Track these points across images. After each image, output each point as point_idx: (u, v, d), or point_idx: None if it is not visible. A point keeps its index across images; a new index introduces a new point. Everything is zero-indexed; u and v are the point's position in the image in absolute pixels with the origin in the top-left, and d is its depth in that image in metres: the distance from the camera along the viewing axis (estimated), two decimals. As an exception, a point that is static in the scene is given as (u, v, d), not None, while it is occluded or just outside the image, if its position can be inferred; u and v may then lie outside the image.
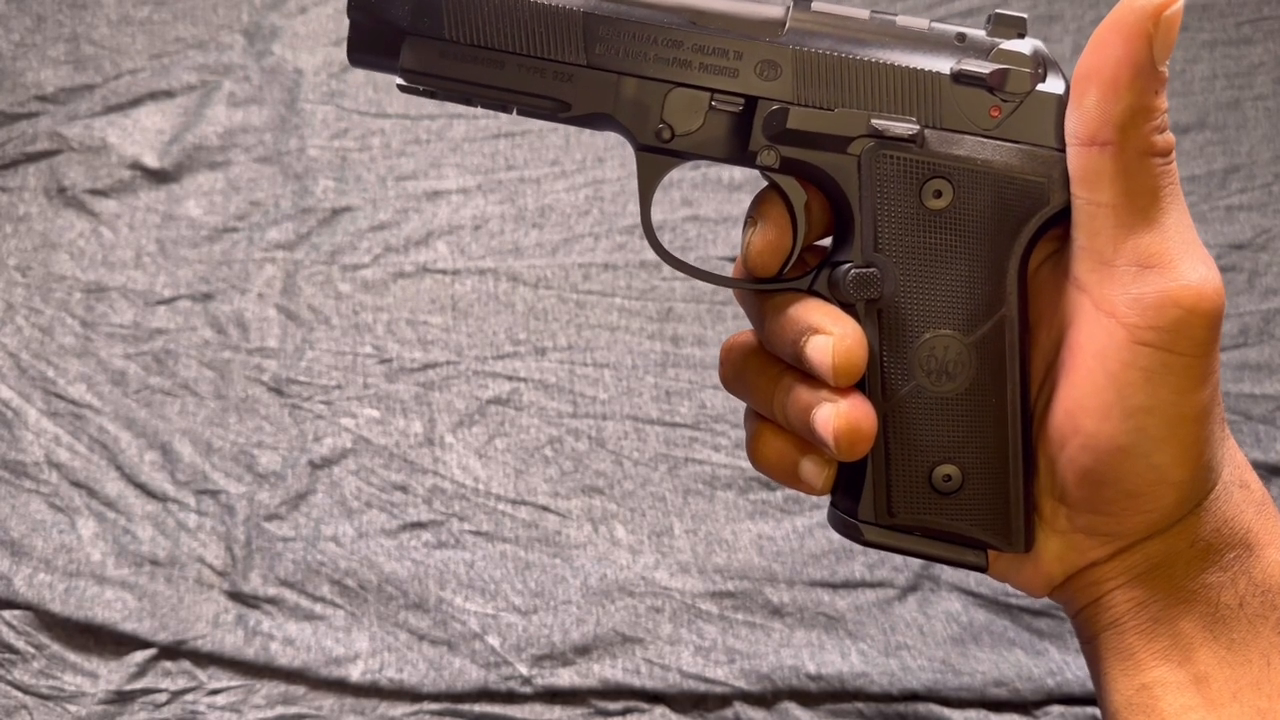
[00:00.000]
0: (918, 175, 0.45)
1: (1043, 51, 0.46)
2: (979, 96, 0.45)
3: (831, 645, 0.90)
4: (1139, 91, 0.41)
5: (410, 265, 1.09)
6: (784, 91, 0.46)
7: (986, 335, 0.46)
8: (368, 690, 0.89)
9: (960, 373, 0.46)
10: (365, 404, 1.02)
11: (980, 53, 0.46)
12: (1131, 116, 0.41)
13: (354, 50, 0.48)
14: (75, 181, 1.13)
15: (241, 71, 1.20)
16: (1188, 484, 0.43)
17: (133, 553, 0.95)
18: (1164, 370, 0.41)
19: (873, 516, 0.48)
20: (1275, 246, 1.10)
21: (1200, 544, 0.44)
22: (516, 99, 0.48)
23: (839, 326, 0.45)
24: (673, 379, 1.03)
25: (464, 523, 0.96)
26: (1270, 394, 1.02)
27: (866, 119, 0.45)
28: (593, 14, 0.46)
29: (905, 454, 0.47)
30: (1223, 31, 1.22)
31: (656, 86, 0.46)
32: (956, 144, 0.45)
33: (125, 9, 1.23)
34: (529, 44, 0.46)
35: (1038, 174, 0.45)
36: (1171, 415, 0.42)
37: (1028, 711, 0.88)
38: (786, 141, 0.46)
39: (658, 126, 0.47)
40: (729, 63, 0.46)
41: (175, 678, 0.90)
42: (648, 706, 0.88)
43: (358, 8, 0.47)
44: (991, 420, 0.46)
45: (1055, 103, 0.45)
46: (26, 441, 0.99)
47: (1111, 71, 0.41)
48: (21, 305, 1.07)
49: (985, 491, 0.47)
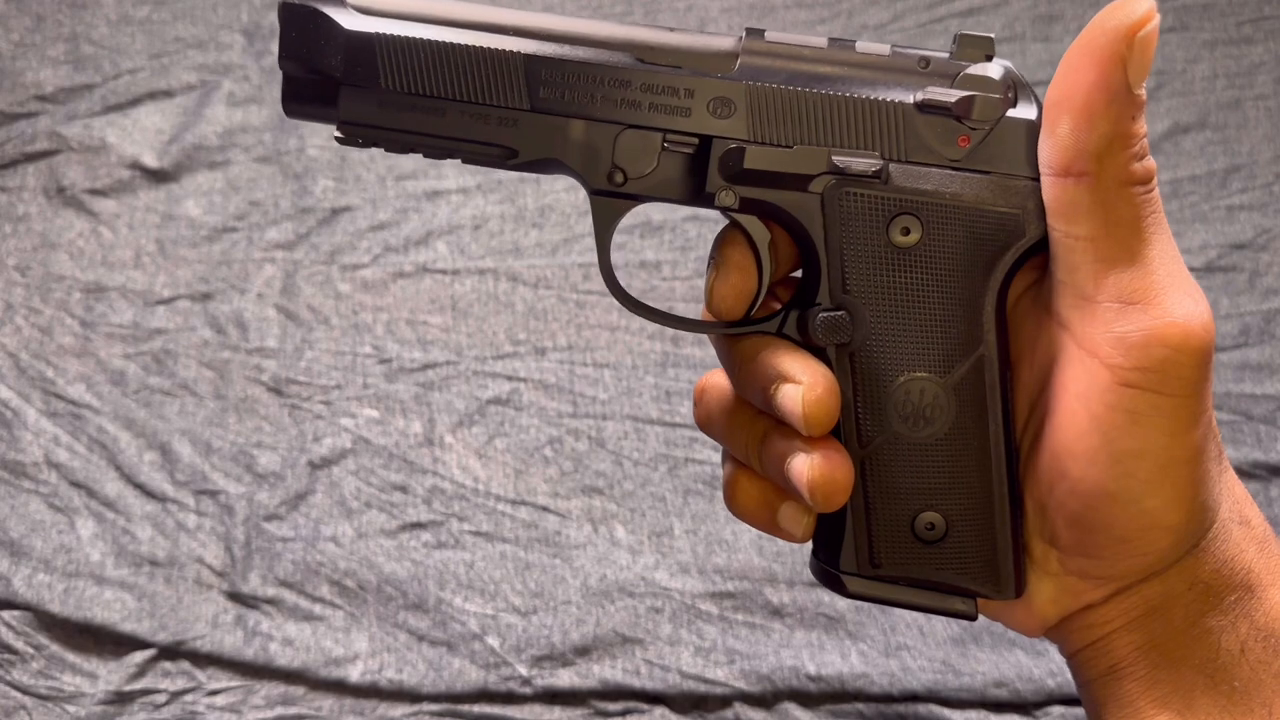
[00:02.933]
0: (884, 212, 0.43)
1: (1013, 74, 0.43)
2: (946, 125, 0.43)
3: (832, 646, 0.90)
4: (1115, 118, 0.39)
5: (410, 265, 1.09)
6: (739, 129, 0.44)
7: (965, 376, 0.43)
8: (367, 691, 0.89)
9: (939, 417, 0.44)
10: (365, 404, 1.02)
11: (945, 78, 0.43)
12: (1108, 145, 0.39)
13: (288, 101, 0.46)
14: (74, 181, 1.13)
15: (241, 71, 1.19)
16: (1182, 527, 0.41)
17: (132, 553, 0.94)
18: (1152, 412, 0.39)
19: (855, 567, 0.45)
20: (1276, 246, 1.10)
21: (1199, 586, 0.42)
22: (460, 147, 0.45)
23: (808, 374, 0.43)
24: (673, 379, 1.03)
25: (464, 523, 0.96)
26: (1270, 394, 1.02)
27: (827, 156, 0.43)
28: (534, 56, 0.44)
29: (885, 502, 0.45)
30: (1223, 31, 1.22)
31: (606, 128, 0.44)
32: (923, 178, 0.43)
33: (125, 9, 1.23)
34: (469, 90, 0.44)
35: (1012, 205, 0.42)
36: (1162, 459, 0.40)
37: (1028, 712, 0.88)
38: (745, 181, 0.44)
39: (610, 170, 0.45)
40: (680, 101, 0.44)
41: (174, 678, 0.90)
42: (647, 707, 0.88)
43: (289, 58, 0.45)
44: (974, 465, 0.44)
45: (1027, 129, 0.42)
46: (26, 441, 0.99)
47: (1084, 98, 0.39)
48: (21, 305, 1.07)
49: (971, 539, 0.44)
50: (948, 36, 1.22)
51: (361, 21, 0.44)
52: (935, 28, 1.23)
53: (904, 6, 1.24)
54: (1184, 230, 1.11)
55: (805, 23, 1.23)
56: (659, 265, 1.09)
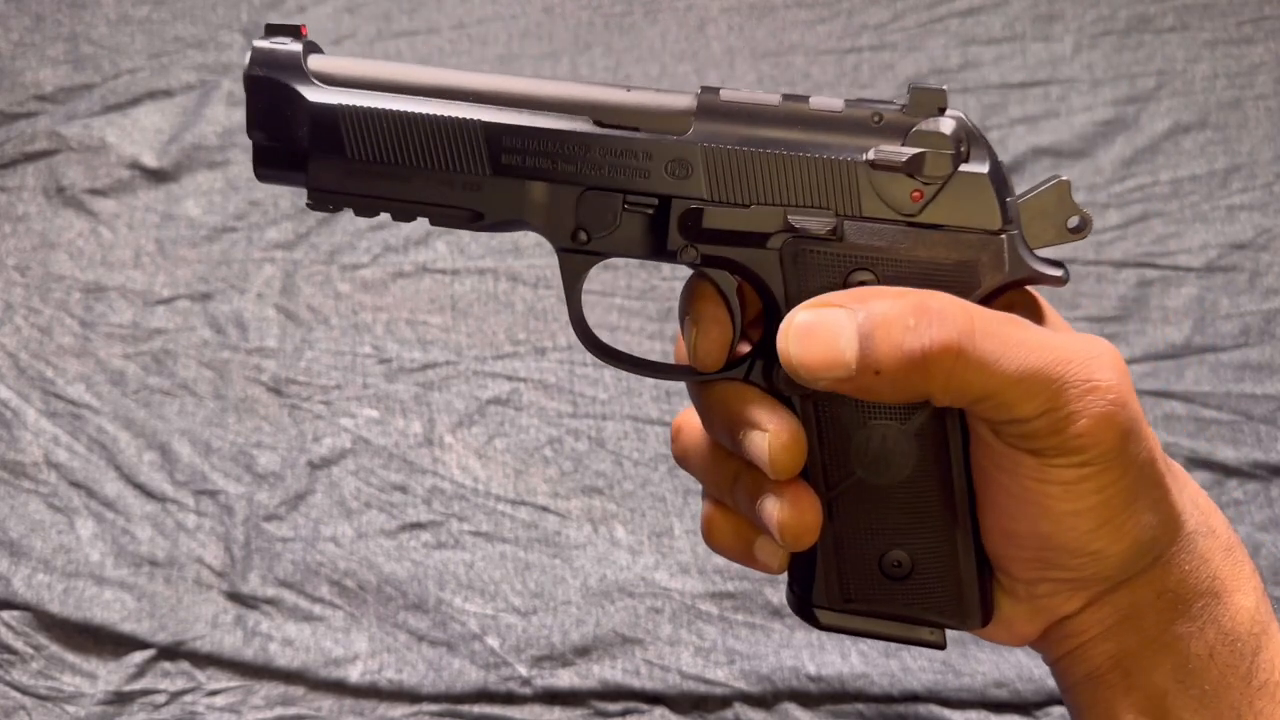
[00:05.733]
0: (840, 268, 0.44)
1: (964, 128, 0.44)
2: (900, 181, 0.43)
3: (832, 646, 0.90)
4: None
5: (409, 265, 1.09)
6: (697, 189, 0.44)
7: (925, 424, 0.44)
8: (367, 691, 0.89)
9: (901, 461, 0.45)
10: (364, 404, 1.02)
11: (898, 134, 0.44)
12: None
13: (259, 167, 0.47)
14: (74, 181, 1.13)
15: (240, 71, 1.19)
16: (1129, 552, 0.42)
17: (131, 553, 0.94)
18: (1081, 480, 0.41)
19: (826, 601, 0.47)
20: (1276, 246, 1.10)
21: (1168, 594, 0.43)
22: (427, 210, 0.46)
23: (774, 422, 0.44)
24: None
25: (463, 523, 0.96)
26: (1270, 394, 1.02)
27: (783, 215, 0.44)
28: (494, 124, 0.45)
29: (853, 541, 0.46)
30: (1224, 31, 1.22)
31: (567, 190, 0.45)
32: (877, 234, 0.44)
33: (124, 8, 1.23)
34: (432, 158, 0.45)
35: (966, 257, 0.43)
36: (1100, 511, 0.41)
37: (1028, 712, 0.88)
38: (704, 240, 0.45)
39: (573, 229, 0.46)
40: (639, 163, 0.45)
41: (174, 678, 0.89)
42: (647, 708, 0.88)
43: (257, 128, 0.46)
44: (937, 505, 0.45)
45: (981, 182, 0.43)
46: (25, 441, 0.99)
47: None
48: (20, 305, 1.07)
49: (936, 574, 0.46)
50: (948, 36, 1.22)
51: (325, 93, 0.45)
52: (935, 27, 1.22)
53: (904, 6, 1.24)
54: (1184, 230, 1.11)
55: (805, 22, 1.23)
56: (658, 267, 1.09)
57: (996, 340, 0.40)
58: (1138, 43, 1.22)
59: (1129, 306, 1.07)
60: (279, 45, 0.46)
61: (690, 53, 1.22)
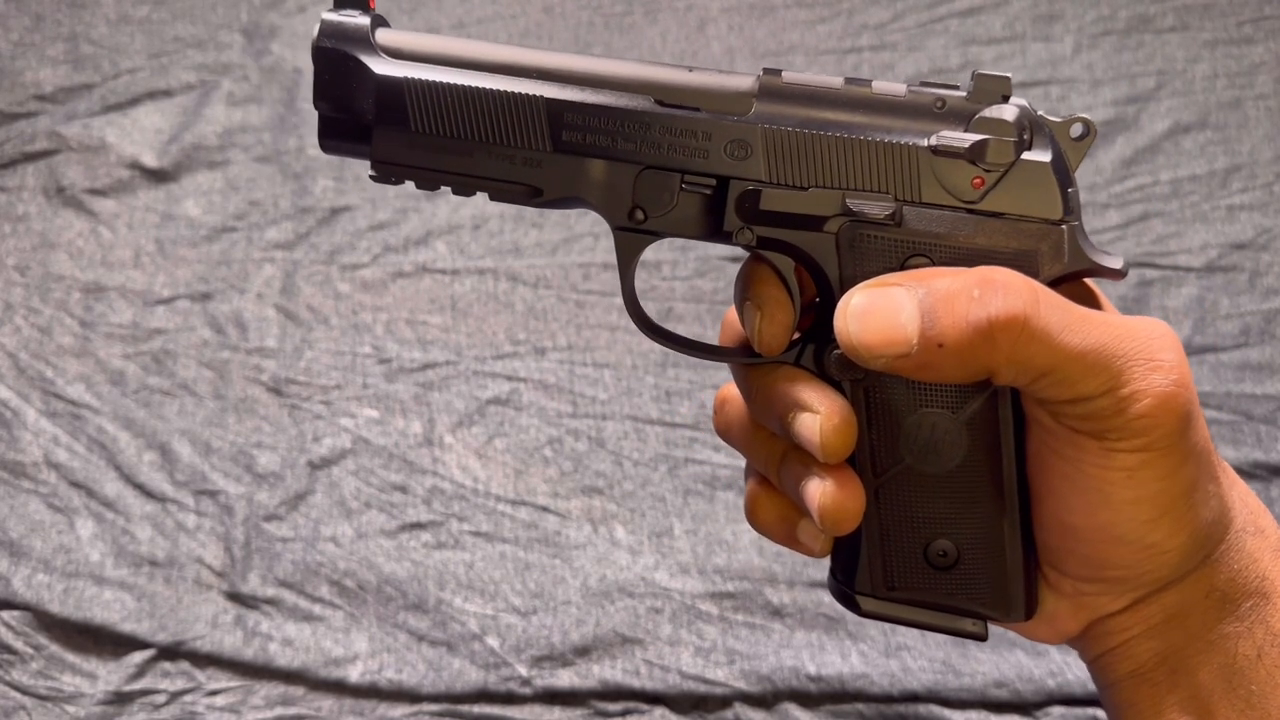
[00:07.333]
0: (897, 253, 0.44)
1: (1028, 116, 0.43)
2: (961, 167, 0.43)
3: (832, 646, 0.90)
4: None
5: (409, 265, 1.09)
6: (755, 171, 0.44)
7: (977, 412, 0.44)
8: (367, 691, 0.89)
9: (951, 451, 0.44)
10: (364, 404, 1.02)
11: (961, 120, 0.43)
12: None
13: (324, 138, 0.48)
14: (74, 181, 1.13)
15: (240, 70, 1.19)
16: (1188, 546, 0.42)
17: (131, 553, 0.94)
18: (1143, 466, 0.40)
19: (869, 589, 0.47)
20: (1276, 246, 1.10)
21: (1215, 594, 0.43)
22: (488, 185, 0.47)
23: (825, 404, 0.44)
24: (673, 379, 1.03)
25: (463, 523, 0.96)
26: (1271, 394, 1.02)
27: (841, 199, 0.44)
28: (556, 100, 0.45)
29: (899, 529, 0.46)
30: (1224, 31, 1.22)
31: (626, 169, 0.45)
32: (937, 220, 0.43)
33: (124, 8, 1.23)
34: (494, 133, 0.46)
35: (1026, 246, 0.43)
36: (1160, 500, 0.41)
37: (1028, 712, 0.88)
38: (761, 221, 0.45)
39: (630, 208, 0.46)
40: (698, 143, 0.45)
41: (174, 678, 0.89)
42: (647, 708, 0.88)
43: (323, 99, 0.46)
44: (986, 496, 0.45)
45: (1043, 171, 0.43)
46: (25, 442, 0.99)
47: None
48: (20, 305, 1.07)
49: (982, 565, 0.45)
50: (948, 36, 1.22)
51: (391, 66, 0.46)
52: (935, 27, 1.22)
53: (904, 6, 1.24)
54: (1184, 230, 1.11)
55: (805, 22, 1.23)
56: (659, 265, 1.09)
57: (1060, 313, 0.40)
58: (1138, 43, 1.22)
59: (1129, 307, 1.07)
60: (347, 18, 0.47)
61: (690, 53, 1.22)
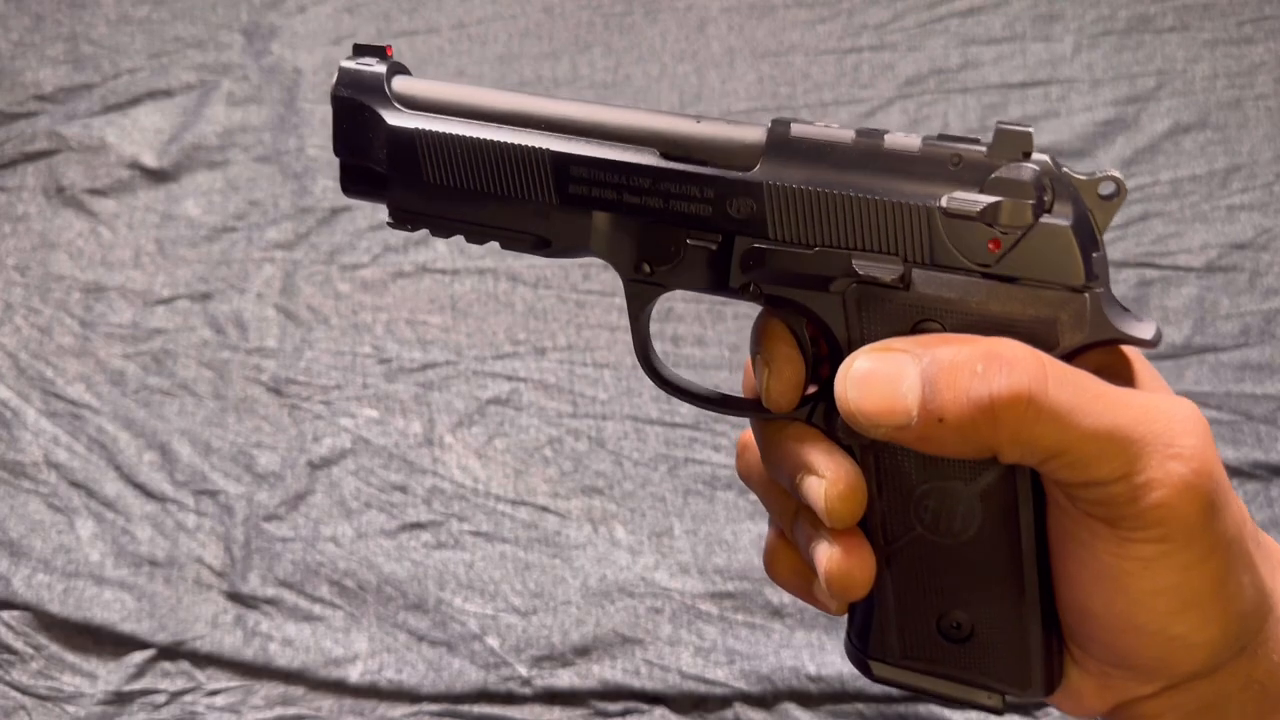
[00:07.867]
0: (906, 317, 0.41)
1: (1049, 175, 0.40)
2: (977, 229, 0.40)
3: (832, 646, 0.90)
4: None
5: (409, 265, 1.09)
6: (760, 228, 0.43)
7: (993, 484, 0.41)
8: (367, 691, 0.89)
9: (964, 523, 0.42)
10: (364, 404, 1.02)
11: (976, 178, 0.40)
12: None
13: (345, 184, 0.48)
14: (74, 181, 1.13)
15: (240, 71, 1.19)
16: (1217, 641, 0.39)
17: (131, 553, 0.94)
18: (1161, 557, 0.37)
19: (881, 654, 0.45)
20: (1276, 246, 1.10)
21: (1255, 686, 0.40)
22: (499, 235, 0.47)
23: (832, 470, 0.42)
24: (672, 379, 1.03)
25: (463, 523, 0.96)
26: (1271, 394, 1.02)
27: (848, 260, 0.42)
28: (561, 153, 0.45)
29: (912, 597, 0.44)
30: (1224, 31, 1.22)
31: (630, 222, 0.45)
32: (948, 285, 0.41)
33: (124, 8, 1.23)
34: (502, 184, 0.46)
35: (1044, 314, 0.40)
36: (1182, 592, 0.38)
37: (1028, 712, 0.88)
38: (766, 279, 0.43)
39: (636, 261, 0.45)
40: (702, 198, 0.43)
41: (174, 678, 0.89)
42: (647, 708, 0.88)
43: (341, 147, 0.47)
44: (1003, 570, 0.42)
45: (1063, 234, 0.40)
46: (25, 441, 0.99)
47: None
48: (20, 305, 1.07)
49: (999, 640, 0.43)
50: (948, 36, 1.22)
51: (403, 118, 0.46)
52: (935, 27, 1.22)
53: (904, 6, 1.24)
54: (1184, 230, 1.11)
55: (805, 22, 1.23)
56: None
57: (1072, 391, 0.37)
58: (1138, 43, 1.22)
59: (1129, 307, 1.07)
60: (364, 66, 0.47)
61: (690, 53, 1.22)
